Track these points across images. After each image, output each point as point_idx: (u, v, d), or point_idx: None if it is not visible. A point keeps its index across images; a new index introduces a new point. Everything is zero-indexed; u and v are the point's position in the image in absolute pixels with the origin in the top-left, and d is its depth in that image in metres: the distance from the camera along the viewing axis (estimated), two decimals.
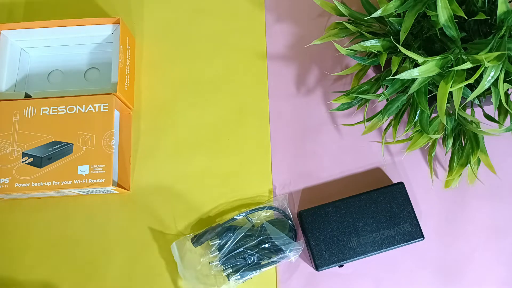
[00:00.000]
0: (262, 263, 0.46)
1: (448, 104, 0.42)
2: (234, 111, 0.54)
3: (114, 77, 0.49)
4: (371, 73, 0.53)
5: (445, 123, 0.39)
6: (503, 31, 0.36)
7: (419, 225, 0.46)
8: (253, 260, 0.45)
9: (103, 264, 0.49)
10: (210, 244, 0.46)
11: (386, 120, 0.45)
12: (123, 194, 0.51)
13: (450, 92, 0.38)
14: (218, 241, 0.46)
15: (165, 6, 0.58)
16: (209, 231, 0.46)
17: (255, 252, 0.45)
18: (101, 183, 0.45)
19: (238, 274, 0.45)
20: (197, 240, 0.46)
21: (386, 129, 0.48)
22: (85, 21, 0.51)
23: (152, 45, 0.57)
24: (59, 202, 0.51)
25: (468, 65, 0.36)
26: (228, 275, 0.45)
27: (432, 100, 0.43)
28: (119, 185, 0.49)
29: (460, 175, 0.46)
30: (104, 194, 0.50)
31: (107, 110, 0.47)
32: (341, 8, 0.46)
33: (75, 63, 0.54)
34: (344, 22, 0.46)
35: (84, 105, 0.48)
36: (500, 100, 0.37)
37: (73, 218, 0.50)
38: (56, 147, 0.46)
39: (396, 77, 0.38)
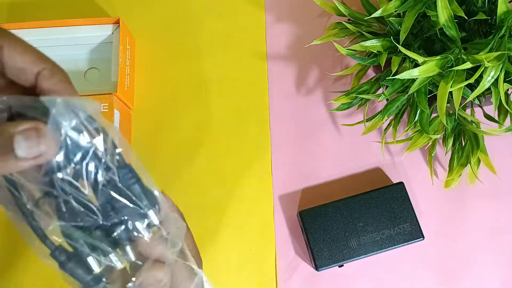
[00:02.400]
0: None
1: (448, 104, 0.42)
2: (234, 111, 0.54)
3: (114, 77, 0.49)
4: (371, 73, 0.53)
5: (445, 123, 0.39)
6: (503, 31, 0.36)
7: (419, 225, 0.46)
8: None
9: None
10: None
11: (386, 120, 0.45)
12: None
13: (450, 92, 0.38)
14: None
15: (165, 6, 0.58)
16: None
17: None
18: None
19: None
20: None
21: (386, 129, 0.48)
22: (85, 21, 0.51)
23: (152, 45, 0.57)
24: None
25: (468, 65, 0.36)
26: None
27: (432, 100, 0.43)
28: None
29: (460, 175, 0.46)
30: None
31: (107, 110, 0.47)
32: (341, 8, 0.46)
33: (75, 63, 0.54)
34: (344, 22, 0.46)
35: None
36: (500, 100, 0.37)
37: None
38: None
39: (396, 77, 0.38)
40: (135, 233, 0.23)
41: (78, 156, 0.21)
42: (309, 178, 0.51)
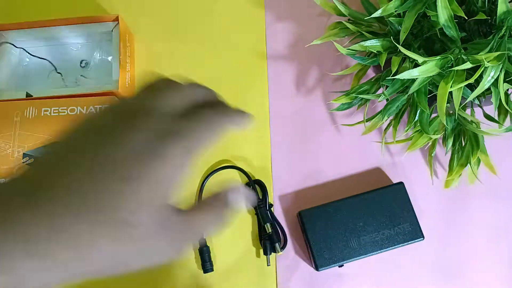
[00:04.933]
0: None
1: (448, 104, 0.42)
2: None
3: (115, 74, 0.49)
4: (371, 73, 0.53)
5: (445, 123, 0.39)
6: (503, 31, 0.36)
7: (419, 225, 0.46)
8: None
9: None
10: None
11: (386, 120, 0.45)
12: None
13: (450, 92, 0.38)
14: None
15: (164, 4, 0.58)
16: None
17: None
18: None
19: None
20: None
21: (386, 129, 0.48)
22: (84, 19, 0.51)
23: (151, 43, 0.57)
24: None
25: (468, 65, 0.36)
26: None
27: (432, 100, 0.43)
28: None
29: (460, 175, 0.46)
30: None
31: None
32: (341, 8, 0.46)
33: (75, 61, 0.54)
34: (344, 22, 0.46)
35: (85, 106, 0.48)
36: (500, 100, 0.37)
37: None
38: None
39: (396, 77, 0.38)
40: None
41: None
42: (309, 178, 0.51)
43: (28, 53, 0.54)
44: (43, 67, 0.54)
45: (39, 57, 0.54)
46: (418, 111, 0.43)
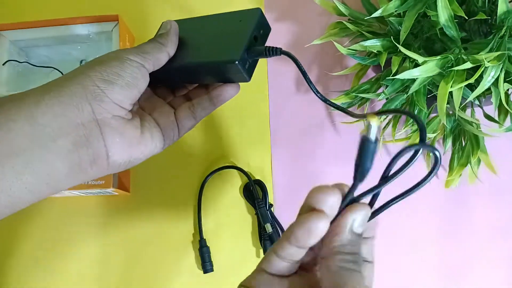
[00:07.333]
0: None
1: (448, 104, 0.42)
2: (234, 111, 0.54)
3: None
4: (371, 73, 0.53)
5: (445, 123, 0.39)
6: (503, 31, 0.36)
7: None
8: None
9: (102, 266, 0.49)
10: None
11: (385, 119, 0.45)
12: (123, 196, 0.51)
13: (450, 92, 0.38)
14: None
15: (163, 4, 0.58)
16: None
17: None
18: (101, 185, 0.45)
19: None
20: None
21: (385, 128, 0.48)
22: (84, 19, 0.51)
23: None
24: (58, 203, 0.50)
25: (468, 65, 0.36)
26: None
27: (432, 100, 0.43)
28: (119, 187, 0.48)
29: (461, 175, 0.46)
30: (104, 195, 0.50)
31: None
32: (341, 7, 0.46)
33: (75, 61, 0.54)
34: (344, 22, 0.46)
35: None
36: (500, 100, 0.37)
37: (72, 219, 0.50)
38: None
39: (397, 77, 0.38)
40: None
41: None
42: (309, 177, 0.51)
43: (28, 53, 0.54)
44: (43, 67, 0.54)
45: (39, 57, 0.54)
46: (416, 111, 0.43)
